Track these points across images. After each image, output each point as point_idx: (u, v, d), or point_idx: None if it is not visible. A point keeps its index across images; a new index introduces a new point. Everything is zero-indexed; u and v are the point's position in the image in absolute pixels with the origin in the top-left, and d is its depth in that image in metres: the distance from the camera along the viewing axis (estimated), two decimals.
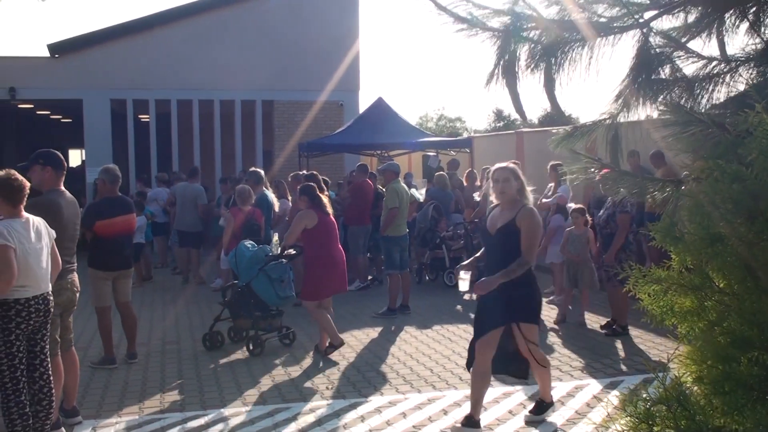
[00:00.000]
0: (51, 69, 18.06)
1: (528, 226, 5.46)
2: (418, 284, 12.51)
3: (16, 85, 17.70)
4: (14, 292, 4.92)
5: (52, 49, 17.99)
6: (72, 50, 18.10)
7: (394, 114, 16.69)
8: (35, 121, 24.98)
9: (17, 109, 21.37)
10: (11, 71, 17.77)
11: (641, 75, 3.87)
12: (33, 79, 17.91)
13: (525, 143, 16.15)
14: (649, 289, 3.02)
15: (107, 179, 7.74)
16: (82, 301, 6.43)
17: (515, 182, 5.58)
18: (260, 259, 8.38)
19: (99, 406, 6.52)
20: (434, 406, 6.37)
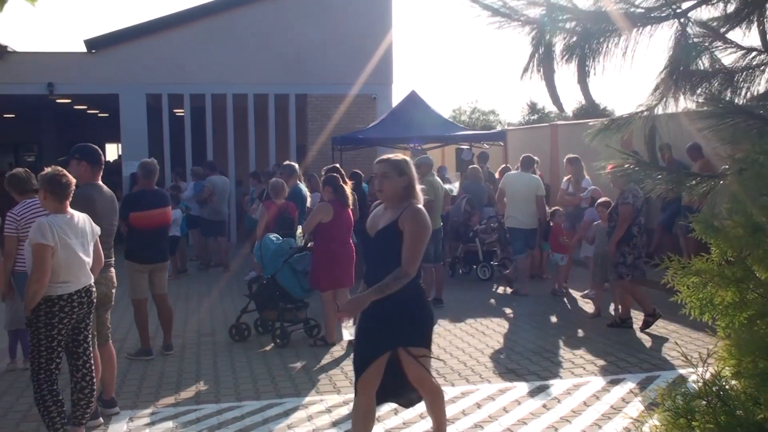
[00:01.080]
0: (88, 64, 18.27)
1: (411, 230, 4.57)
2: (451, 278, 12.48)
3: (54, 81, 17.93)
4: (57, 288, 5.02)
5: (89, 44, 18.19)
6: (108, 45, 18.28)
7: (427, 107, 16.64)
8: (73, 115, 25.32)
9: (55, 104, 21.66)
10: (49, 67, 18.01)
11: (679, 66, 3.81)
12: (70, 75, 18.14)
13: (560, 136, 16.03)
14: (687, 281, 2.97)
15: (141, 172, 7.85)
16: (118, 294, 6.52)
17: (398, 178, 4.72)
18: (285, 252, 8.45)
19: (136, 396, 6.61)
20: (468, 399, 6.36)
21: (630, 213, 8.49)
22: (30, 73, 17.86)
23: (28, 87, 17.98)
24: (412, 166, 4.85)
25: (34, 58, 18.35)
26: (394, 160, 4.80)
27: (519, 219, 10.75)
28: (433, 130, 16.02)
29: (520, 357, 7.64)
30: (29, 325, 5.08)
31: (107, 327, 6.14)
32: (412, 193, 4.75)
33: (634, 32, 3.83)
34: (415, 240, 4.55)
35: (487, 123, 55.13)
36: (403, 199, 4.73)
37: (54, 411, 5.06)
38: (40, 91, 18.01)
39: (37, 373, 5.07)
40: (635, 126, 4.00)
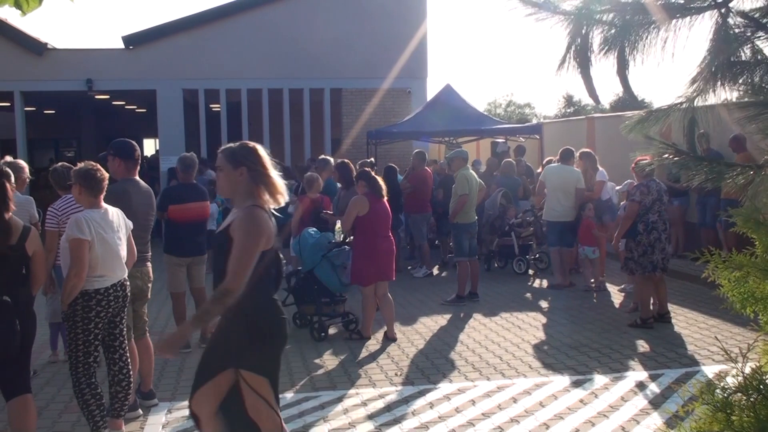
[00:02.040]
0: (126, 60, 18.50)
1: (237, 238, 3.77)
2: (487, 272, 12.43)
3: (92, 77, 18.20)
4: (94, 283, 5.09)
5: (127, 41, 18.41)
6: (145, 42, 18.50)
7: (462, 100, 16.58)
8: (111, 111, 25.67)
9: (94, 100, 21.98)
10: (88, 63, 18.28)
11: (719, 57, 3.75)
12: (109, 71, 18.39)
13: (596, 129, 15.86)
14: (729, 275, 2.93)
15: (180, 166, 7.94)
16: (156, 287, 6.60)
17: (233, 171, 3.95)
18: (323, 246, 8.48)
19: (174, 389, 6.69)
20: (503, 393, 6.34)
21: (634, 210, 8.47)
22: (69, 69, 18.16)
23: (67, 83, 18.28)
24: (257, 154, 3.97)
25: (73, 55, 18.64)
26: (229, 148, 4.03)
27: (557, 211, 10.69)
28: (468, 123, 15.96)
29: (557, 351, 7.60)
30: (66, 319, 5.16)
31: (144, 320, 6.22)
32: (255, 191, 3.95)
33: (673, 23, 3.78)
34: (240, 250, 3.75)
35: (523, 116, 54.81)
36: (246, 197, 3.94)
37: (93, 404, 5.14)
38: (80, 88, 18.30)
39: (75, 366, 5.16)
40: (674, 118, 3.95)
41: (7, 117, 19.27)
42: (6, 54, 17.89)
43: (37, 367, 7.16)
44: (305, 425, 5.69)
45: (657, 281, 8.59)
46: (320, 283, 8.46)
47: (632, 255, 8.53)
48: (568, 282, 10.85)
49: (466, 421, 5.71)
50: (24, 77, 17.96)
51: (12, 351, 4.61)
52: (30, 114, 20.74)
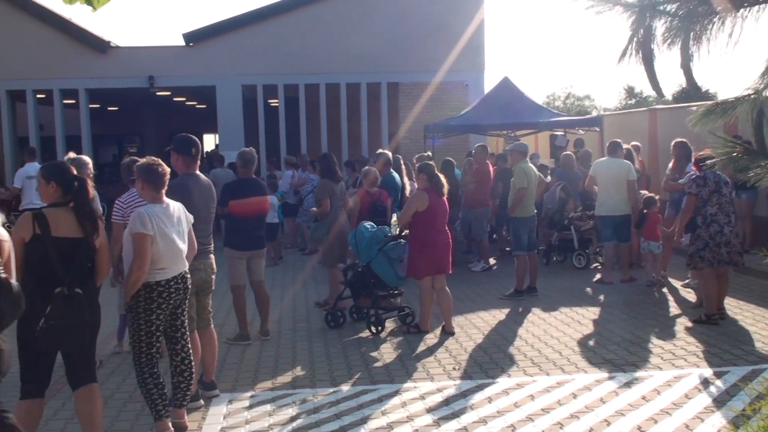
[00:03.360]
0: (186, 57, 18.82)
1: None
2: (546, 266, 12.31)
3: (154, 74, 18.55)
4: (156, 275, 5.20)
5: (187, 38, 18.72)
6: (205, 38, 18.77)
7: (521, 93, 16.42)
8: (172, 107, 26.14)
9: (156, 97, 22.40)
10: (150, 60, 18.64)
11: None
12: (170, 68, 18.72)
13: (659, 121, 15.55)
14: None
15: (240, 161, 8.04)
16: (217, 280, 6.70)
17: None
18: (379, 240, 8.51)
19: (235, 380, 6.80)
20: (563, 389, 6.27)
21: (692, 203, 8.31)
22: (132, 67, 18.54)
23: (130, 80, 18.68)
24: None
25: (135, 53, 19.04)
26: None
27: (609, 205, 10.53)
28: (527, 116, 15.80)
29: (617, 347, 7.48)
30: (129, 311, 5.29)
31: (208, 311, 6.33)
32: None
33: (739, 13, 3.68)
34: None
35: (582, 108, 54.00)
36: None
37: (155, 393, 5.26)
38: (142, 85, 18.68)
39: (138, 356, 5.29)
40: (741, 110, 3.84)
41: (73, 114, 19.77)
42: (71, 53, 18.35)
43: (102, 357, 7.34)
44: (363, 418, 5.72)
45: (719, 275, 8.40)
46: (377, 276, 8.49)
47: (694, 249, 8.36)
48: (628, 277, 10.67)
49: (525, 416, 5.67)
50: (88, 75, 18.40)
51: (83, 342, 4.74)
52: (94, 111, 21.24)
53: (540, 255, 11.84)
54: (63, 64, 18.31)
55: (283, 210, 14.38)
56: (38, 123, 18.86)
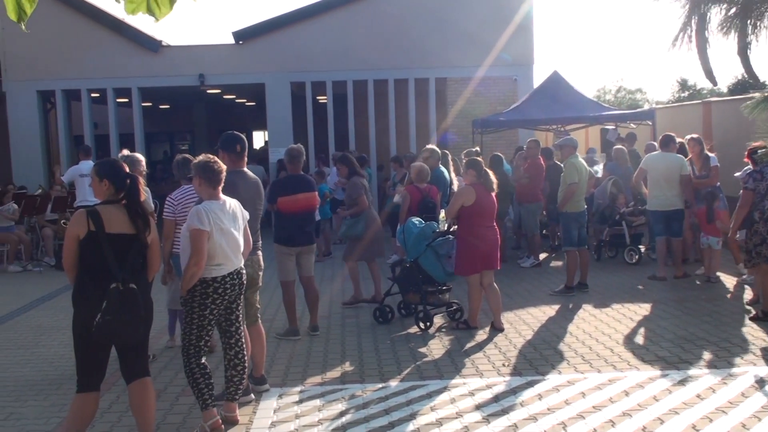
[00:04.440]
0: (236, 55, 18.98)
1: None
2: (597, 261, 12.15)
3: (204, 72, 18.76)
4: (212, 271, 5.28)
5: (237, 36, 18.88)
6: (254, 36, 18.91)
7: (570, 87, 16.20)
8: (222, 105, 26.42)
9: (206, 95, 22.66)
10: (200, 59, 18.86)
11: None
12: (220, 66, 18.91)
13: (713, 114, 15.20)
14: None
15: (288, 158, 8.08)
16: (267, 276, 6.75)
17: None
18: (427, 236, 8.48)
19: (284, 375, 6.84)
20: (615, 386, 6.17)
21: (748, 198, 8.15)
22: (183, 65, 18.79)
23: (181, 79, 18.91)
24: None
25: (186, 52, 19.28)
26: None
27: (661, 200, 10.34)
28: (577, 110, 15.57)
29: (671, 344, 7.34)
30: (184, 304, 5.38)
31: (256, 307, 6.38)
32: None
33: None
34: None
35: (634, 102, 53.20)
36: None
37: (202, 383, 5.34)
38: (192, 83, 18.90)
39: (187, 348, 5.37)
40: None
41: (126, 112, 20.11)
42: (124, 52, 18.67)
43: (155, 351, 7.46)
44: (412, 413, 5.70)
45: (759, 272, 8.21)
46: (425, 272, 8.47)
47: (752, 245, 8.17)
48: (682, 273, 10.46)
49: (576, 413, 5.60)
50: (141, 74, 18.70)
51: (137, 337, 4.82)
52: (146, 109, 21.57)
53: (591, 250, 11.69)
54: (116, 63, 18.63)
55: (331, 206, 14.43)
56: (93, 121, 19.23)
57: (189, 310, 5.34)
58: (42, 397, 6.40)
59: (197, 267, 5.18)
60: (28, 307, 10.29)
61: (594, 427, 5.32)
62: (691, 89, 49.84)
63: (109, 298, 4.62)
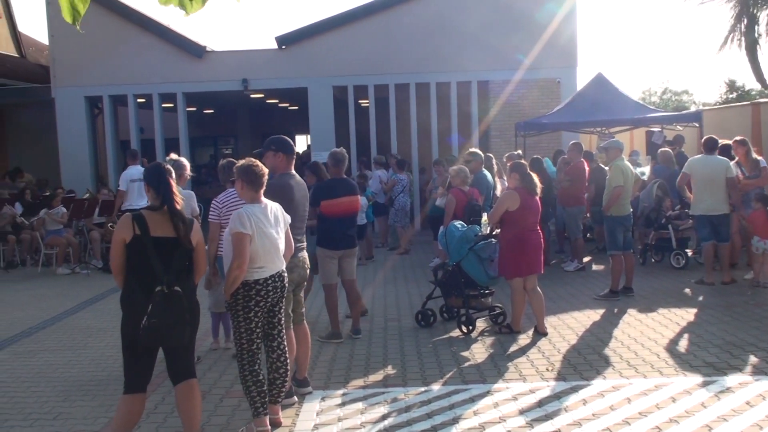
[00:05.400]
0: (279, 60, 19.12)
1: None
2: (642, 266, 11.98)
3: (248, 77, 18.95)
4: (254, 273, 5.32)
5: (280, 41, 19.02)
6: (297, 41, 19.03)
7: (615, 89, 16.01)
8: (265, 109, 26.63)
9: (250, 99, 22.86)
10: (244, 64, 19.05)
11: None
12: (263, 71, 19.08)
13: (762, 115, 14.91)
14: None
15: (330, 162, 8.11)
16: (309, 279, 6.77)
17: None
18: (470, 239, 8.44)
19: (327, 377, 6.86)
20: (661, 392, 6.08)
21: None
22: (227, 70, 19.00)
23: (225, 84, 19.13)
24: None
25: (230, 57, 19.48)
26: None
27: (706, 205, 10.16)
28: (622, 112, 15.38)
29: (719, 350, 7.20)
30: (229, 308, 5.43)
31: (302, 306, 6.41)
32: None
33: None
34: None
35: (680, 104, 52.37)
36: None
37: (254, 390, 5.37)
38: (236, 87, 19.10)
39: (240, 353, 5.42)
40: None
41: (171, 117, 20.40)
42: (169, 58, 18.95)
43: (199, 353, 7.54)
44: (455, 417, 5.68)
45: None
46: (467, 276, 8.44)
47: None
48: (730, 278, 10.27)
49: (622, 419, 5.52)
50: (186, 79, 18.96)
51: (182, 340, 4.87)
52: (191, 114, 21.85)
53: (636, 254, 11.53)
54: (162, 69, 18.93)
55: (373, 209, 14.46)
56: (139, 126, 19.55)
57: (234, 314, 5.39)
58: (89, 398, 6.51)
59: (239, 270, 5.22)
60: (76, 309, 10.48)
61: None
62: (739, 90, 48.86)
63: (154, 301, 4.68)
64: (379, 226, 15.83)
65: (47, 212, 14.25)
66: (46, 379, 7.12)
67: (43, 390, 6.79)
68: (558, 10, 18.38)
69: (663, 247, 12.10)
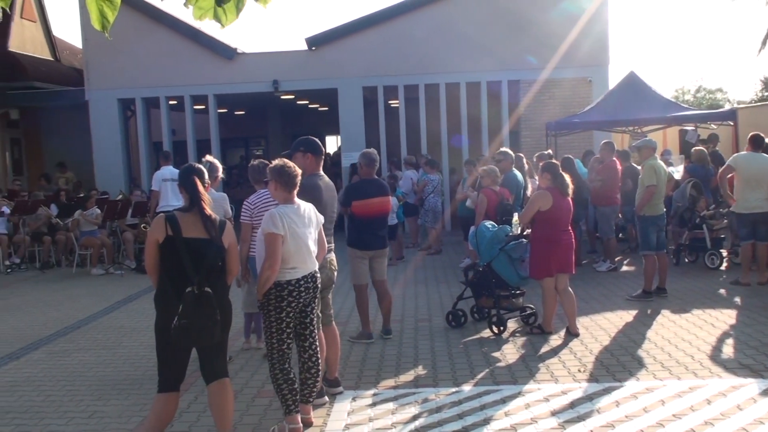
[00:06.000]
0: (309, 61, 19.20)
1: None
2: (676, 266, 11.85)
3: (278, 78, 19.05)
4: (286, 274, 5.34)
5: (310, 42, 19.10)
6: (327, 42, 19.10)
7: (647, 88, 15.86)
8: (295, 110, 26.74)
9: (280, 100, 22.99)
10: (274, 65, 19.15)
11: None
12: (293, 72, 19.17)
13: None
14: None
15: (363, 162, 8.10)
16: (340, 279, 6.79)
17: None
18: (500, 239, 8.41)
19: (358, 378, 6.87)
20: (696, 395, 6.00)
21: None
22: (257, 72, 19.12)
23: (255, 85, 19.25)
24: None
25: (261, 59, 19.60)
26: None
27: (750, 203, 10.01)
28: (654, 111, 15.23)
29: (755, 352, 7.09)
30: (261, 308, 5.46)
31: (330, 308, 6.43)
32: None
33: None
34: None
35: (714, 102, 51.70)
36: None
37: (285, 389, 5.40)
38: (267, 89, 19.22)
39: (270, 353, 5.45)
40: None
41: (203, 119, 20.57)
42: (201, 60, 19.11)
43: (231, 353, 7.59)
44: (486, 418, 5.66)
45: None
46: (498, 276, 8.40)
47: None
48: (766, 279, 10.11)
49: (656, 422, 5.46)
50: (217, 81, 19.11)
51: (214, 339, 4.90)
52: (222, 115, 22.02)
53: (669, 255, 11.40)
54: (193, 71, 19.10)
55: (403, 210, 14.46)
56: (171, 128, 19.73)
57: (266, 314, 5.41)
58: (123, 397, 6.59)
59: (271, 270, 5.25)
60: (110, 308, 10.61)
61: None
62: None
63: (185, 301, 4.71)
64: (410, 227, 15.83)
65: (82, 213, 14.45)
66: (81, 378, 7.22)
67: (78, 389, 6.88)
68: (590, 9, 18.23)
69: (697, 247, 11.96)
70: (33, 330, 9.41)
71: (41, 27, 22.36)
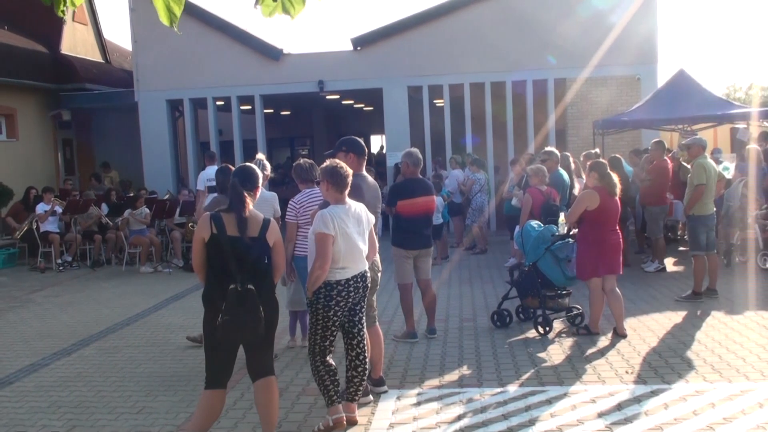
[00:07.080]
0: (354, 61, 19.26)
1: None
2: (727, 267, 11.61)
3: (324, 78, 19.15)
4: (336, 274, 5.38)
5: (355, 42, 19.16)
6: (372, 42, 19.13)
7: (697, 85, 15.54)
8: (341, 110, 26.86)
9: (325, 101, 23.11)
10: (320, 66, 19.26)
11: None
12: (339, 72, 19.25)
13: None
14: None
15: (410, 162, 8.09)
16: (384, 279, 6.80)
17: None
18: (546, 239, 8.33)
19: (402, 377, 6.87)
20: (747, 398, 5.88)
21: None
22: (303, 72, 19.24)
23: (301, 86, 19.38)
24: None
25: (306, 59, 19.71)
26: None
27: None
28: (704, 108, 14.92)
29: None
30: (310, 305, 5.50)
31: (374, 309, 6.44)
32: None
33: None
34: None
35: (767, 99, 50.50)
36: None
37: (327, 380, 5.46)
38: (312, 89, 19.33)
39: (313, 347, 5.50)
40: None
41: (249, 119, 20.77)
42: (248, 61, 19.30)
43: (277, 351, 7.64)
44: (531, 419, 5.61)
45: None
46: (543, 276, 8.33)
47: None
48: None
49: (706, 425, 5.36)
50: (263, 82, 19.28)
51: (258, 336, 4.94)
52: (268, 115, 22.20)
53: (720, 255, 11.18)
54: (240, 72, 19.30)
55: (449, 209, 14.42)
56: (218, 128, 19.97)
57: (314, 311, 5.46)
58: (171, 393, 6.68)
59: (321, 270, 5.30)
60: (159, 306, 10.78)
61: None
62: None
63: (228, 298, 4.76)
64: (455, 226, 15.77)
65: (131, 213, 14.71)
66: (131, 374, 7.34)
67: (127, 384, 7.00)
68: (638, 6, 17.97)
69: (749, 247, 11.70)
70: (84, 327, 9.60)
71: (92, 30, 22.80)
